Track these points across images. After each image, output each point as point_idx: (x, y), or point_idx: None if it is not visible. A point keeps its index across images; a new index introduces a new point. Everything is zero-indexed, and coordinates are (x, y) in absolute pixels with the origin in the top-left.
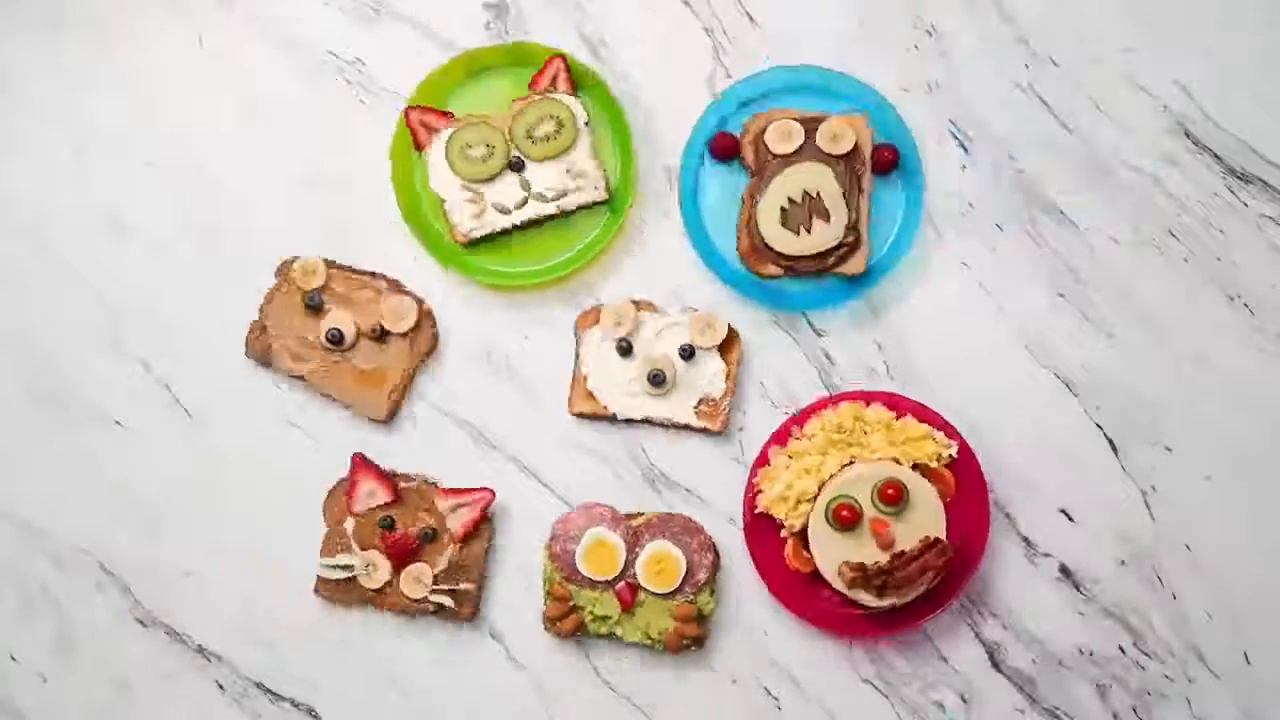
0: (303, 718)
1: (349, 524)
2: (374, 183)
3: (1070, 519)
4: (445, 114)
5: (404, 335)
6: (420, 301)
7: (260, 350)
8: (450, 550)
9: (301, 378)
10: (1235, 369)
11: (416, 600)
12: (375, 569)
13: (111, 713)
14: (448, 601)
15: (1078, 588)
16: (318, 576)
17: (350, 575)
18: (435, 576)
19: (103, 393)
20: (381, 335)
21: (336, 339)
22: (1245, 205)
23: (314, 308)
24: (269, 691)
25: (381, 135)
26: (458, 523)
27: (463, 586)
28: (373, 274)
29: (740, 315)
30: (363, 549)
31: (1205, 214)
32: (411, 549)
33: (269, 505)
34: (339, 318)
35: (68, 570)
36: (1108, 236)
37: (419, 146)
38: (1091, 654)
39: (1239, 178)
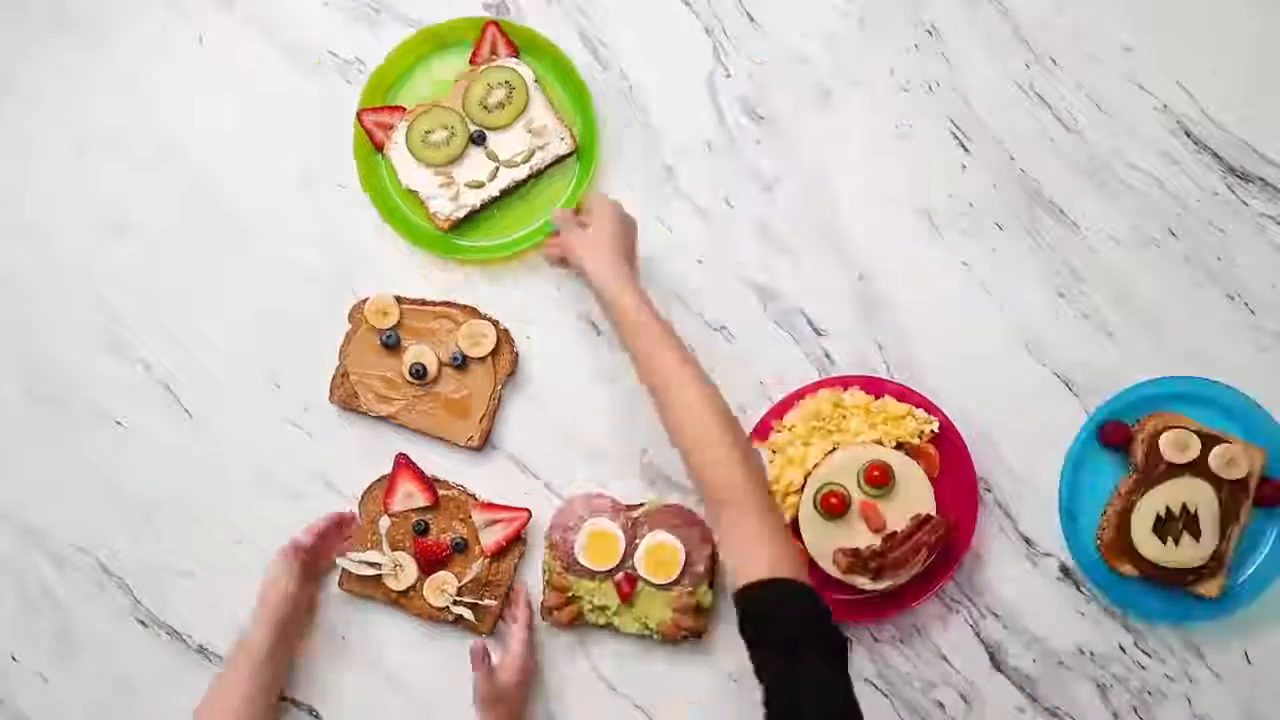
0: (304, 717)
1: (383, 522)
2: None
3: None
4: (396, 109)
5: (483, 359)
6: (496, 323)
7: (344, 397)
8: (479, 564)
9: (388, 418)
10: (1235, 369)
11: (439, 608)
12: (403, 570)
13: (111, 713)
14: (468, 614)
15: (1078, 587)
16: (343, 570)
17: (377, 573)
18: (460, 588)
19: (103, 393)
20: (462, 363)
21: (420, 373)
22: (1245, 205)
23: (391, 346)
24: None
25: None
26: (490, 538)
27: (486, 602)
28: (446, 303)
29: (735, 313)
30: (393, 549)
31: (1205, 213)
32: (442, 557)
33: (269, 505)
34: (419, 352)
35: (68, 570)
36: (1108, 236)
37: (379, 147)
38: (1092, 654)
39: (1239, 177)
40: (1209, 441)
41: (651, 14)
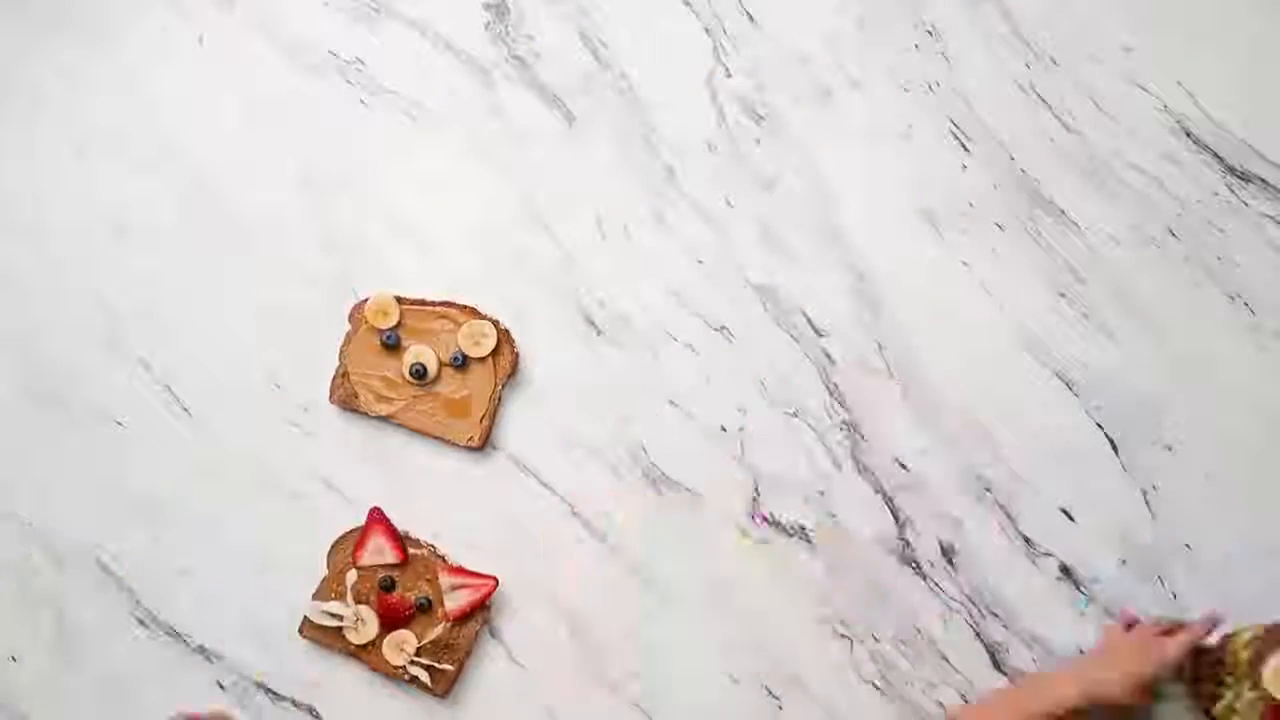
0: (303, 717)
1: (350, 575)
2: (374, 183)
3: (1070, 518)
4: None
5: (483, 359)
6: (496, 323)
7: (344, 397)
8: (440, 627)
9: (388, 418)
10: (1235, 368)
11: (396, 667)
12: (363, 624)
13: (111, 713)
14: (424, 676)
15: (1078, 587)
16: (305, 618)
17: (338, 625)
18: (419, 649)
19: (103, 393)
20: (462, 363)
21: (421, 373)
22: (1245, 205)
23: (391, 346)
24: (269, 691)
25: (381, 135)
26: (454, 603)
27: (443, 666)
28: (446, 303)
29: (735, 313)
30: (357, 602)
31: (1205, 214)
32: (404, 615)
33: (269, 505)
34: (419, 352)
35: (68, 570)
36: (1108, 236)
37: None
38: None
39: (1239, 177)
40: None
41: (651, 14)
